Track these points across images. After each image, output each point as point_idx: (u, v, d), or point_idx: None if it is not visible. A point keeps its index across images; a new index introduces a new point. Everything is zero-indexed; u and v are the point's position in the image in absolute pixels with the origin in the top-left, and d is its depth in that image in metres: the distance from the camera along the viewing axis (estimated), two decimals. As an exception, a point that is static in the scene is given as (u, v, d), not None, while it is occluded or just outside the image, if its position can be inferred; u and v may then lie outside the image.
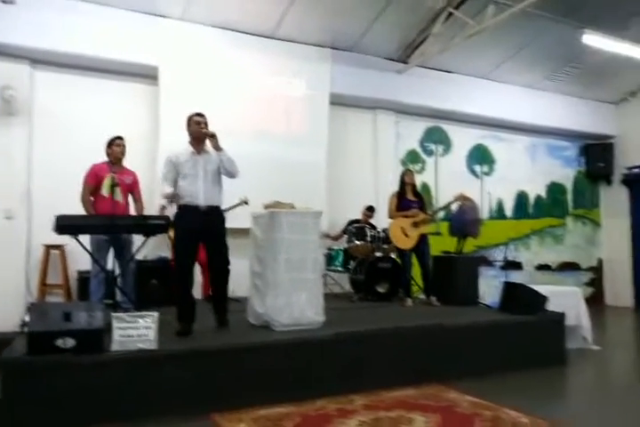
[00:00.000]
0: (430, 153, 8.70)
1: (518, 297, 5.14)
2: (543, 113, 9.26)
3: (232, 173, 4.29)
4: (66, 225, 4.02)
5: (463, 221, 6.74)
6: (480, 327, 4.77)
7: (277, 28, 7.01)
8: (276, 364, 3.79)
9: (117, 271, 4.47)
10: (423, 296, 6.19)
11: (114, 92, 6.44)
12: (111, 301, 4.27)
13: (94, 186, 4.73)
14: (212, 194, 4.22)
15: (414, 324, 4.67)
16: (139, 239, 4.52)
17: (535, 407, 3.69)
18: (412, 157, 8.51)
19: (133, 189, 5.01)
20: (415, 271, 6.21)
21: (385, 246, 6.63)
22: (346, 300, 6.32)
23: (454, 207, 6.76)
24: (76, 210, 4.61)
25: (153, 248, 5.90)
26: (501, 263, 7.69)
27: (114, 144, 4.88)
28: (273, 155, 6.96)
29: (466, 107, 8.51)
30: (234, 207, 5.93)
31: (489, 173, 9.23)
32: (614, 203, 10.31)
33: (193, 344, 3.76)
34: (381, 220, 6.94)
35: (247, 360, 3.71)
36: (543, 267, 9.55)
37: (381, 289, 6.34)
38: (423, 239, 6.02)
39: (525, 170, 9.64)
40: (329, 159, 7.45)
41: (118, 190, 4.71)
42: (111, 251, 4.61)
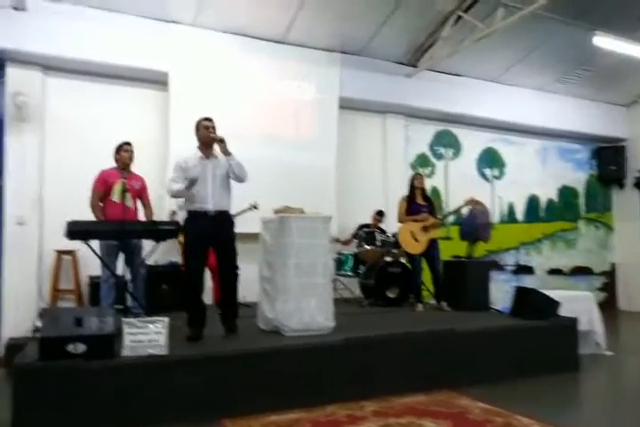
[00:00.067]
0: (440, 157, 8.67)
1: (530, 302, 5.11)
2: (554, 116, 9.20)
3: (241, 178, 4.28)
4: (77, 231, 4.05)
5: (474, 225, 6.69)
6: (491, 333, 4.74)
7: (287, 33, 7.03)
8: (286, 369, 3.79)
9: (128, 276, 4.48)
10: (434, 301, 6.16)
11: (124, 97, 6.48)
12: (122, 306, 4.28)
13: (103, 192, 4.75)
14: (221, 199, 4.21)
15: (425, 329, 4.65)
16: (148, 244, 4.54)
17: (547, 414, 3.66)
18: (422, 161, 8.49)
19: (142, 195, 5.02)
20: (426, 276, 6.18)
21: (395, 251, 6.61)
22: (356, 305, 6.30)
23: (465, 211, 6.72)
24: (88, 216, 4.65)
25: (163, 253, 5.91)
26: (513, 268, 7.65)
27: (122, 150, 4.89)
28: (282, 159, 6.97)
29: (476, 110, 8.47)
30: (243, 212, 5.93)
31: (499, 177, 9.18)
32: (627, 206, 10.21)
33: (203, 350, 3.78)
34: (391, 224, 6.91)
35: (257, 366, 3.71)
36: (555, 271, 9.47)
37: (391, 294, 6.31)
38: (433, 244, 5.98)
39: (536, 173, 9.58)
40: (338, 163, 7.45)
41: (129, 196, 4.71)
42: (121, 256, 4.62)
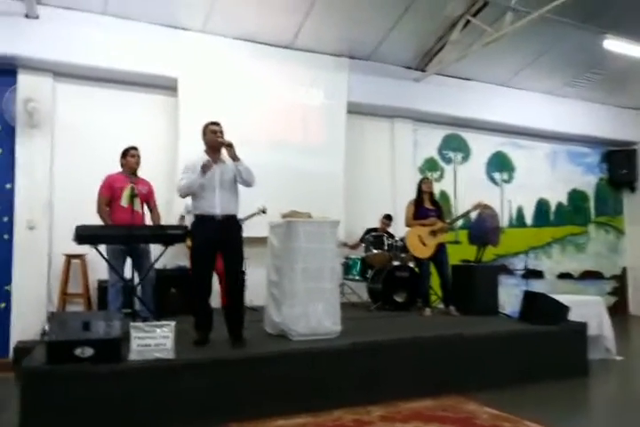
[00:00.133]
0: (449, 161, 8.65)
1: (539, 307, 5.08)
2: (564, 120, 9.15)
3: (249, 183, 4.25)
4: (85, 235, 4.07)
5: (483, 229, 6.68)
6: (500, 338, 4.72)
7: (295, 39, 7.05)
8: (293, 374, 3.79)
9: (136, 280, 4.50)
10: (442, 306, 6.14)
11: (134, 103, 6.52)
12: (130, 310, 4.30)
13: (109, 197, 4.75)
14: (229, 203, 4.19)
15: (433, 334, 4.64)
16: (156, 248, 4.56)
17: (556, 420, 3.64)
18: (431, 165, 8.47)
19: (149, 199, 5.02)
20: (434, 280, 6.16)
21: (403, 255, 6.58)
22: (363, 309, 6.28)
23: (473, 215, 6.69)
24: (97, 220, 4.68)
25: (172, 257, 5.93)
26: (522, 272, 7.61)
27: (128, 154, 4.89)
28: (290, 164, 6.99)
29: (485, 114, 8.45)
30: (251, 216, 5.95)
31: (509, 181, 9.13)
32: (638, 210, 10.12)
33: (210, 354, 3.78)
34: (400, 228, 6.90)
35: (264, 370, 3.71)
36: (565, 276, 9.40)
37: (399, 298, 6.28)
38: (441, 248, 5.96)
39: (546, 177, 9.52)
40: (346, 168, 7.45)
41: (137, 201, 4.70)
42: (129, 260, 4.64)
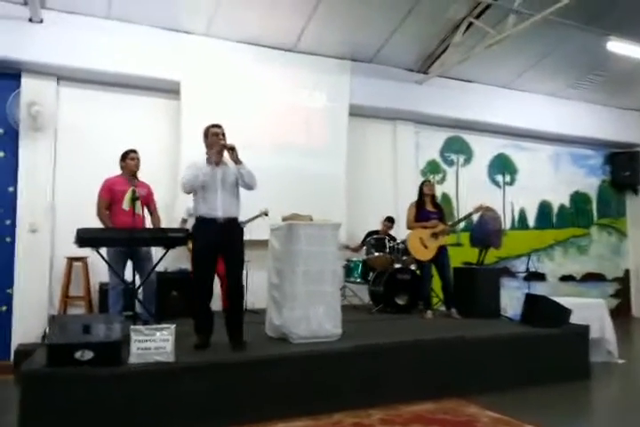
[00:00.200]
0: (451, 163, 8.64)
1: (540, 310, 5.06)
2: (567, 121, 9.14)
3: (250, 186, 4.25)
4: (87, 238, 4.08)
5: (485, 231, 6.66)
6: (502, 340, 4.71)
7: (298, 42, 7.06)
8: (294, 377, 3.79)
9: (137, 283, 4.51)
10: (444, 308, 6.13)
11: (136, 107, 6.53)
12: (131, 312, 4.30)
13: (109, 200, 4.76)
14: (231, 206, 4.19)
15: (434, 336, 4.63)
16: (157, 251, 4.57)
17: (558, 423, 3.64)
18: (433, 168, 8.47)
19: (149, 202, 5.03)
20: (435, 283, 6.15)
21: (404, 258, 6.57)
22: (365, 312, 6.28)
23: (475, 218, 6.68)
24: (99, 223, 4.70)
25: (173, 260, 5.94)
26: (524, 274, 7.59)
27: (128, 157, 4.90)
28: (293, 167, 7.00)
29: (487, 116, 8.44)
30: (254, 219, 5.97)
31: (511, 183, 9.12)
32: (641, 212, 10.11)
33: (210, 357, 3.78)
34: (401, 231, 6.89)
35: (264, 373, 3.71)
36: (567, 278, 9.38)
37: (401, 301, 6.28)
38: (442, 251, 5.96)
39: (548, 179, 9.50)
40: (349, 170, 7.45)
41: (139, 204, 4.71)
42: (130, 263, 4.65)
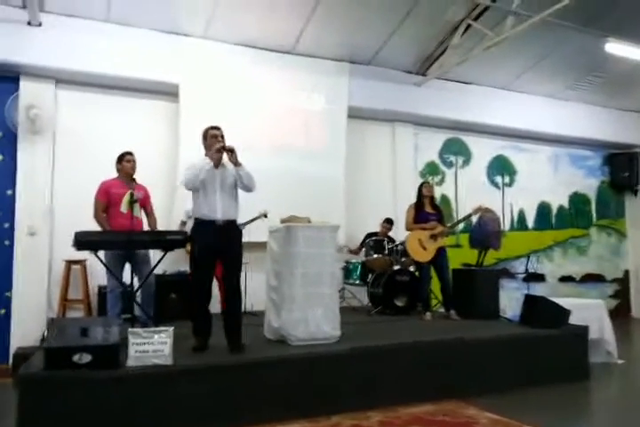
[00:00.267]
0: (450, 165, 8.64)
1: (539, 311, 5.06)
2: (566, 123, 9.14)
3: (249, 188, 4.25)
4: (85, 241, 4.08)
5: (484, 232, 6.65)
6: (501, 342, 4.71)
7: (296, 44, 7.07)
8: (292, 379, 3.78)
9: (135, 286, 4.50)
10: (442, 310, 6.12)
11: (135, 109, 6.53)
12: (130, 315, 4.30)
13: (106, 203, 4.76)
14: (230, 208, 4.19)
15: (433, 338, 4.63)
16: (155, 253, 4.56)
17: (557, 425, 3.63)
18: (432, 169, 8.47)
19: (146, 204, 5.02)
20: (435, 284, 6.15)
21: (403, 259, 6.56)
22: (364, 313, 6.27)
23: (474, 219, 6.68)
24: (97, 226, 4.70)
25: (172, 263, 5.92)
26: (523, 275, 7.59)
27: (124, 160, 4.89)
28: (292, 169, 6.99)
29: (486, 118, 8.44)
30: (253, 221, 5.96)
31: (510, 184, 9.12)
32: (640, 213, 10.10)
33: (208, 360, 3.77)
34: (400, 232, 6.89)
35: (263, 376, 3.70)
36: (567, 279, 9.38)
37: (400, 303, 6.27)
38: (441, 253, 5.96)
39: (547, 180, 9.50)
40: (347, 172, 7.44)
41: (137, 206, 4.70)
42: (128, 266, 4.64)
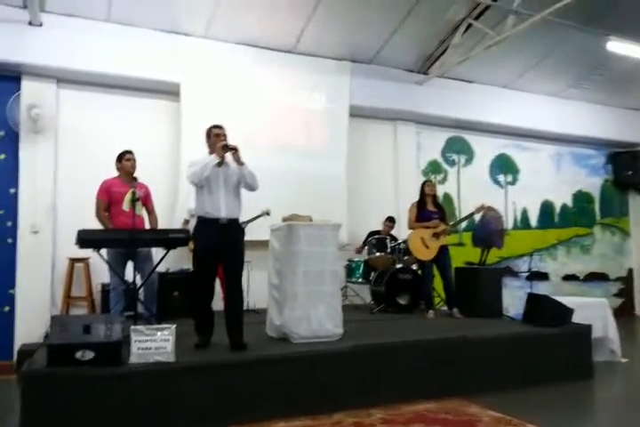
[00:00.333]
0: (452, 163, 8.63)
1: (542, 309, 5.05)
2: (568, 121, 9.13)
3: (252, 187, 4.27)
4: (87, 239, 4.08)
5: (487, 231, 6.65)
6: (504, 340, 4.70)
7: (297, 43, 7.07)
8: (294, 377, 3.78)
9: (138, 284, 4.51)
10: (445, 308, 6.12)
11: (136, 108, 6.54)
12: (133, 312, 4.31)
13: (107, 201, 4.77)
14: (233, 206, 4.20)
15: (436, 336, 4.63)
16: (158, 251, 4.57)
17: (560, 423, 3.63)
18: (434, 168, 8.46)
19: (147, 202, 5.03)
20: (437, 283, 6.14)
21: (406, 258, 6.56)
22: (366, 311, 6.27)
23: (477, 218, 6.67)
24: (99, 224, 4.71)
25: (175, 260, 5.94)
26: (526, 274, 7.57)
27: (124, 158, 4.90)
28: (293, 168, 6.99)
29: (489, 117, 8.43)
30: (255, 219, 5.97)
31: (513, 183, 9.11)
32: (644, 212, 10.08)
33: (211, 357, 3.78)
34: (403, 231, 6.89)
35: (265, 373, 3.70)
36: (570, 277, 9.36)
37: (402, 301, 6.27)
38: (444, 251, 5.95)
39: (550, 179, 9.49)
40: (349, 171, 7.44)
41: (139, 205, 4.72)
42: (130, 263, 4.65)
